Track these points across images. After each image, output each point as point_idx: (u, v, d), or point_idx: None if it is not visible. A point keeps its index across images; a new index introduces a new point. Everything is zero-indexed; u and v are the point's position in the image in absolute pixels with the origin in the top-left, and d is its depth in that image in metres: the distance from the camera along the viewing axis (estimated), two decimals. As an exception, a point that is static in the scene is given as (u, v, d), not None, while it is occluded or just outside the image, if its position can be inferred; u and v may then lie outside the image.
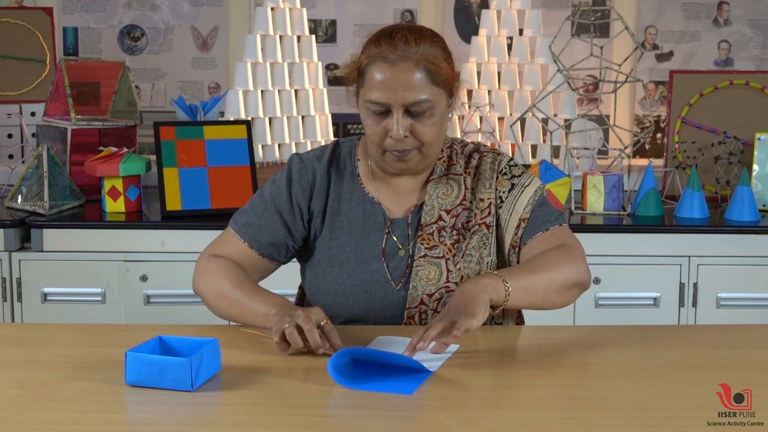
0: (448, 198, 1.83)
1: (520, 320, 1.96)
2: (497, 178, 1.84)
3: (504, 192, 1.83)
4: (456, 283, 1.78)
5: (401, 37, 1.72)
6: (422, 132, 1.73)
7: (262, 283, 1.85)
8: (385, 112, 1.72)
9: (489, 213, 1.82)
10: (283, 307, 1.66)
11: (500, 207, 1.83)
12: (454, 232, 1.81)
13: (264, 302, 1.70)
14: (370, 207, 1.84)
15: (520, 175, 1.85)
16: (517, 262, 1.82)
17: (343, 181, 1.86)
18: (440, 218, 1.82)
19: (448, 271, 1.79)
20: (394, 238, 1.82)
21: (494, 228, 1.83)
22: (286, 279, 2.11)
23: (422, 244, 1.80)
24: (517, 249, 1.82)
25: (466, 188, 1.84)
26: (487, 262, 1.81)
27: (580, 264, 1.76)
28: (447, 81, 1.76)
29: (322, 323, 1.59)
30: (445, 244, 1.80)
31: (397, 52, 1.71)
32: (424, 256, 1.79)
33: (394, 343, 1.63)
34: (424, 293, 1.78)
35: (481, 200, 1.83)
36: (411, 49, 1.71)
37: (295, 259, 1.94)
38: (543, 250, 1.77)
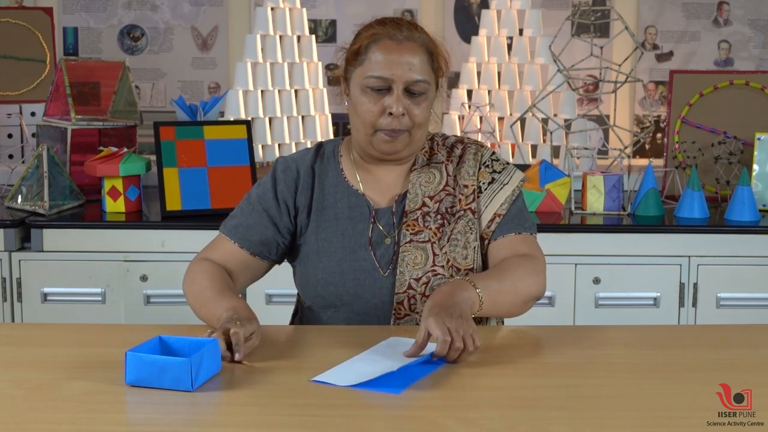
0: (431, 185, 1.88)
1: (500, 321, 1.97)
2: (480, 168, 1.89)
3: (484, 183, 1.88)
4: (442, 266, 1.81)
5: (406, 22, 1.84)
6: (416, 113, 1.80)
7: (259, 284, 1.86)
8: (384, 89, 1.79)
9: (473, 199, 1.87)
10: (232, 311, 1.64)
11: (479, 196, 1.88)
12: (438, 216, 1.85)
13: (223, 305, 1.68)
14: (354, 199, 1.88)
15: (500, 171, 1.90)
16: (484, 254, 1.86)
17: (327, 176, 1.91)
18: (424, 204, 1.86)
19: (434, 254, 1.82)
20: (380, 227, 1.85)
21: (479, 213, 1.87)
22: (287, 280, 2.11)
23: (407, 230, 1.83)
24: (486, 242, 1.86)
25: (448, 175, 1.89)
26: (474, 247, 1.84)
27: (541, 278, 1.81)
28: (440, 69, 1.86)
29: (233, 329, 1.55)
30: (430, 229, 1.84)
31: (403, 32, 1.81)
32: (410, 241, 1.82)
33: (405, 345, 1.62)
34: (411, 278, 1.80)
35: (465, 186, 1.87)
36: (415, 34, 1.82)
37: (288, 262, 1.95)
38: (511, 254, 1.82)
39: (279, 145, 3.47)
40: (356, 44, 1.84)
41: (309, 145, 3.48)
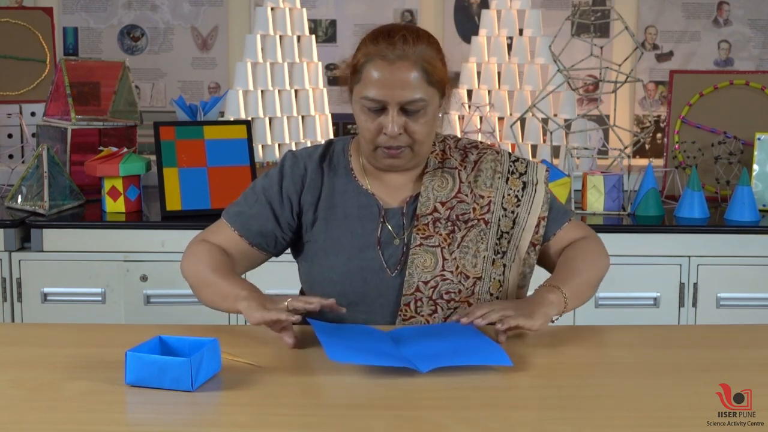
0: (443, 190, 1.87)
1: None
2: (507, 179, 1.89)
3: (519, 191, 1.89)
4: (451, 272, 1.81)
5: (400, 36, 1.75)
6: (415, 130, 1.78)
7: (259, 284, 1.86)
8: (380, 109, 1.76)
9: (488, 210, 1.86)
10: (252, 292, 1.70)
11: (518, 205, 1.88)
12: (449, 223, 1.85)
13: (235, 286, 1.73)
14: (364, 198, 1.88)
15: (525, 172, 1.91)
16: (538, 258, 1.92)
17: (337, 176, 1.90)
18: (435, 209, 1.85)
19: (444, 259, 1.81)
20: (389, 228, 1.85)
21: (493, 224, 1.87)
22: (289, 279, 2.11)
23: (418, 233, 1.83)
24: (537, 246, 1.89)
25: (461, 181, 1.88)
26: (484, 256, 1.84)
27: (606, 257, 1.92)
28: (440, 81, 1.80)
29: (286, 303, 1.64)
30: (441, 234, 1.83)
31: (396, 51, 1.74)
32: (420, 245, 1.82)
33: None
34: (420, 280, 1.80)
35: (481, 197, 1.87)
36: (409, 49, 1.75)
37: (294, 259, 1.95)
38: (572, 240, 1.91)
39: (279, 145, 3.47)
40: (354, 60, 1.81)
41: (309, 146, 3.50)
